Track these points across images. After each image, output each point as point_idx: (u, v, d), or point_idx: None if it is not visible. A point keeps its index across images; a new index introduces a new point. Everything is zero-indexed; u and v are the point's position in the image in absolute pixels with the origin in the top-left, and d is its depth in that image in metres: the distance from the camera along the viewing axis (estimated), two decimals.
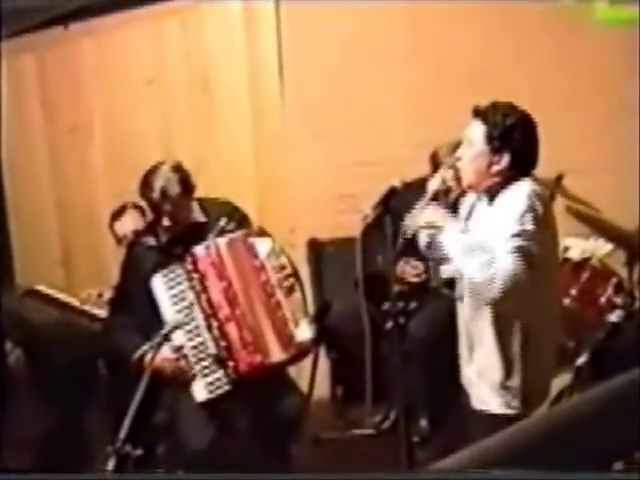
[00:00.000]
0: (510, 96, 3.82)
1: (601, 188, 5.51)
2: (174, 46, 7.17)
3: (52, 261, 7.86)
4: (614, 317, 4.29)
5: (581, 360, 3.83)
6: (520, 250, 3.50)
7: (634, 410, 1.12)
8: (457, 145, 5.07)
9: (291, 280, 4.35)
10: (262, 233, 4.50)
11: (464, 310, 3.92)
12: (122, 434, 3.71)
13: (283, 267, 4.35)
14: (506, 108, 3.77)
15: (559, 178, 5.42)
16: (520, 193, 3.66)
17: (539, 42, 6.17)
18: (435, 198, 3.85)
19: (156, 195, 4.34)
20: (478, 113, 3.78)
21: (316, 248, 5.07)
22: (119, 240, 5.38)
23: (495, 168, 3.73)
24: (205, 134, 6.53)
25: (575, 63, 6.12)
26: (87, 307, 5.33)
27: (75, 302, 5.43)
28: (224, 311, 4.24)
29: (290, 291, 4.34)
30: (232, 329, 4.25)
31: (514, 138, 3.73)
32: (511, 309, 3.70)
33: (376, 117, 6.44)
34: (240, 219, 4.58)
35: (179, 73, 7.18)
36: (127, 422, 3.73)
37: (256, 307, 4.30)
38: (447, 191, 3.96)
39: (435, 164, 5.32)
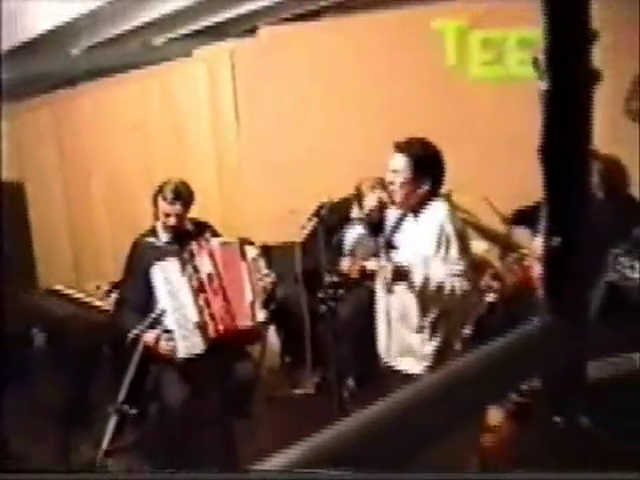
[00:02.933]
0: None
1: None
2: (152, 101, 7.20)
3: (65, 266, 7.85)
4: (490, 298, 4.35)
5: (466, 331, 3.87)
6: (462, 272, 3.62)
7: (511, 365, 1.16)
8: (376, 180, 5.16)
9: (266, 280, 4.39)
10: (251, 243, 4.55)
11: (391, 298, 3.85)
12: (120, 397, 3.71)
13: (260, 269, 4.40)
14: (422, 142, 3.77)
15: (448, 194, 5.47)
16: (440, 212, 3.72)
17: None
18: (370, 213, 3.91)
19: (170, 196, 4.37)
20: (400, 147, 3.74)
21: (267, 251, 5.09)
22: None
23: (419, 191, 3.72)
24: (178, 168, 6.52)
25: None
26: (93, 300, 5.32)
27: (85, 298, 5.41)
28: (212, 287, 4.27)
29: (264, 287, 4.37)
30: (217, 301, 4.26)
31: (433, 165, 3.76)
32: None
33: (315, 150, 6.46)
34: (214, 232, 4.64)
35: (157, 122, 7.20)
36: (124, 387, 3.74)
37: (236, 290, 4.32)
38: (381, 208, 3.94)
39: (358, 191, 5.36)
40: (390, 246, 3.78)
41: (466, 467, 3.04)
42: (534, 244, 3.12)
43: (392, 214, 3.92)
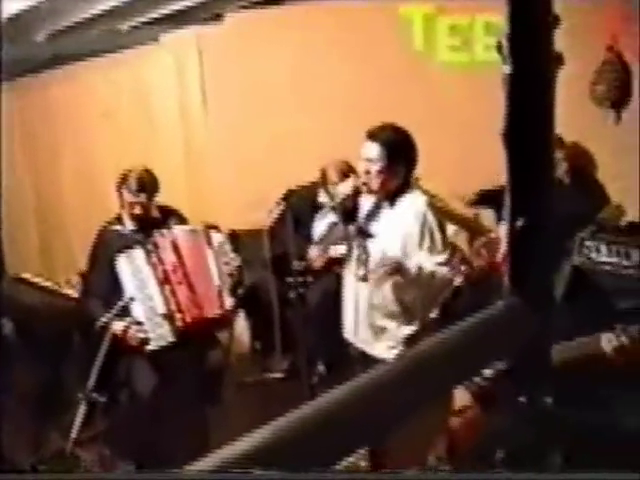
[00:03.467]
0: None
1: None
2: (120, 87, 7.15)
3: (33, 254, 7.81)
4: (457, 281, 4.36)
5: (432, 314, 3.88)
6: (447, 262, 3.66)
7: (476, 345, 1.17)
8: (341, 164, 5.15)
9: (232, 265, 4.37)
10: (217, 228, 4.51)
11: (362, 285, 3.84)
12: (90, 384, 3.71)
13: (227, 254, 4.38)
14: (394, 128, 3.74)
15: (415, 180, 5.48)
16: (419, 201, 3.72)
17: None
18: (343, 200, 3.83)
19: (134, 187, 4.33)
20: (373, 135, 3.69)
21: (235, 238, 5.08)
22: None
23: (395, 178, 3.70)
24: (147, 154, 6.47)
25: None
26: (62, 288, 5.29)
27: (52, 286, 5.37)
28: (176, 277, 4.25)
29: (230, 273, 4.36)
30: (182, 291, 4.25)
31: (407, 152, 3.73)
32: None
33: (283, 136, 6.45)
34: (181, 218, 4.61)
35: (125, 108, 7.16)
36: (93, 374, 3.73)
37: (202, 278, 4.31)
38: (355, 194, 3.85)
39: (324, 176, 5.37)
40: (365, 234, 3.79)
41: (433, 448, 3.06)
42: (499, 227, 3.15)
43: (366, 202, 3.89)
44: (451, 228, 4.92)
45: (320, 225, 4.10)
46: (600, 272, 4.01)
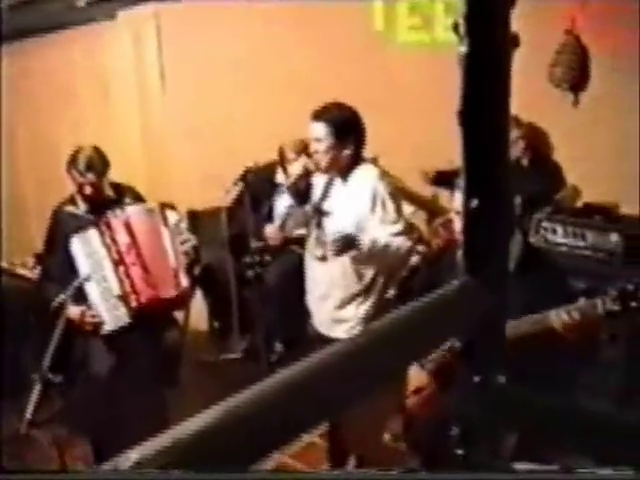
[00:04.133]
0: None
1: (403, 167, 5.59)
2: (77, 62, 7.06)
3: None
4: (413, 260, 4.39)
5: (390, 293, 3.90)
6: (403, 231, 3.69)
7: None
8: (298, 142, 5.15)
9: (188, 244, 4.34)
10: (172, 207, 4.47)
11: (322, 266, 3.88)
12: (45, 364, 3.68)
13: (183, 233, 4.35)
14: (339, 106, 3.77)
15: (374, 160, 5.49)
16: (370, 174, 3.76)
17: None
18: (296, 181, 3.89)
19: (82, 167, 4.28)
20: (318, 115, 3.73)
21: (193, 217, 5.07)
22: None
23: (344, 155, 3.73)
24: (104, 130, 6.42)
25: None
26: (18, 270, 5.23)
27: (8, 267, 5.32)
28: (130, 258, 4.21)
29: (186, 252, 4.32)
30: (136, 271, 4.21)
31: (353, 128, 3.76)
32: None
33: (236, 115, 6.43)
34: (137, 196, 4.57)
35: (82, 83, 7.07)
36: (48, 354, 3.70)
37: (157, 258, 4.27)
38: (306, 175, 3.93)
39: (281, 154, 5.37)
40: (321, 213, 3.81)
41: (389, 426, 3.09)
42: (454, 206, 3.17)
43: (319, 181, 3.92)
44: (409, 208, 4.96)
45: (280, 206, 4.11)
46: (556, 252, 4.07)
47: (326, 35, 6.27)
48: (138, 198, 4.55)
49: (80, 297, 4.11)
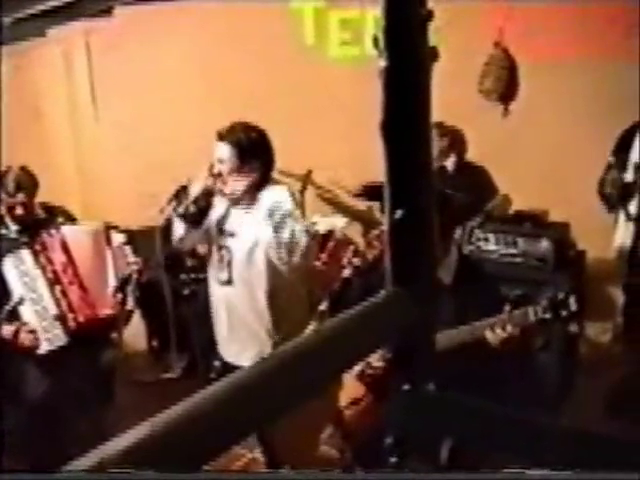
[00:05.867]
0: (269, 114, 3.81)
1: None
2: (7, 81, 6.96)
3: None
4: (346, 273, 4.40)
5: (323, 306, 3.90)
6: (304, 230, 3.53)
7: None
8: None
9: (133, 267, 4.27)
10: (117, 229, 4.42)
11: (227, 290, 3.75)
12: None
13: (127, 255, 4.29)
14: (245, 127, 3.64)
15: (308, 173, 5.50)
16: (280, 193, 3.60)
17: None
18: (196, 200, 3.66)
19: (11, 188, 4.22)
20: (222, 136, 3.60)
21: (130, 236, 5.02)
22: None
23: (248, 178, 3.59)
24: (36, 150, 6.33)
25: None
26: None
27: None
28: (67, 277, 4.15)
29: (129, 274, 4.25)
30: (73, 291, 4.14)
31: (260, 150, 3.62)
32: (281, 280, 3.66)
33: (170, 131, 6.40)
34: (69, 216, 4.52)
35: (13, 102, 6.97)
36: None
37: (95, 277, 4.20)
38: (207, 195, 3.69)
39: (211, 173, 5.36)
40: (222, 236, 3.71)
41: (322, 436, 3.10)
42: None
43: (221, 203, 3.77)
44: (343, 220, 4.98)
45: (176, 233, 3.94)
46: (488, 260, 4.13)
47: (259, 51, 6.29)
48: (70, 218, 4.51)
49: (14, 316, 4.04)
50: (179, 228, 3.79)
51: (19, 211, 4.25)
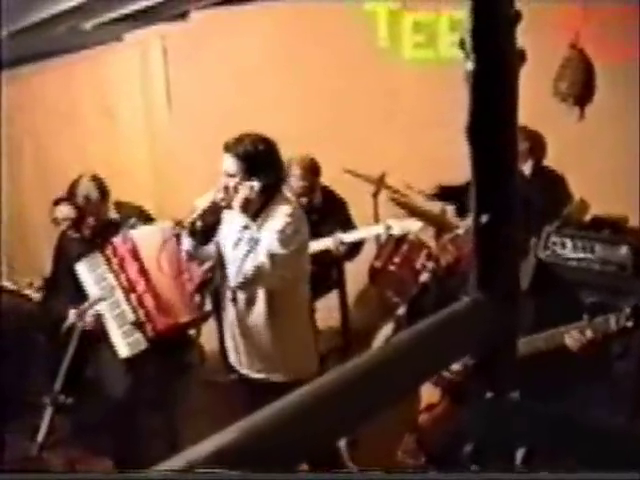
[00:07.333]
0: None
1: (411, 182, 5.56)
2: (83, 85, 7.09)
3: None
4: (423, 278, 4.37)
5: (400, 311, 3.87)
6: (271, 254, 3.42)
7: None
8: (307, 159, 5.09)
9: (206, 265, 4.20)
10: None
11: (232, 307, 3.72)
12: (56, 386, 3.68)
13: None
14: (253, 139, 3.51)
15: (382, 176, 5.48)
16: (283, 211, 3.51)
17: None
18: (203, 215, 3.52)
19: (80, 201, 4.31)
20: (228, 147, 3.50)
21: None
22: (55, 220, 5.22)
23: (254, 192, 3.48)
24: (111, 154, 6.44)
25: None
26: (25, 291, 5.23)
27: (16, 288, 5.33)
28: (141, 286, 4.18)
29: (204, 272, 4.09)
30: (149, 299, 4.18)
31: (267, 163, 3.51)
32: (279, 297, 3.59)
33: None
34: (145, 216, 4.58)
35: (89, 106, 7.10)
36: (60, 377, 3.70)
37: (170, 283, 4.18)
38: (214, 209, 3.56)
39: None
40: (227, 252, 3.64)
41: (401, 444, 3.08)
42: (464, 222, 3.14)
43: (228, 217, 3.67)
44: (418, 224, 4.95)
45: (185, 243, 3.77)
46: (565, 267, 4.05)
47: (332, 53, 6.29)
48: (144, 217, 4.55)
49: (95, 318, 4.11)
50: (185, 244, 3.69)
51: (91, 221, 4.33)
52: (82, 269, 4.24)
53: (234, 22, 6.53)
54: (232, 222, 3.64)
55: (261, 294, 3.58)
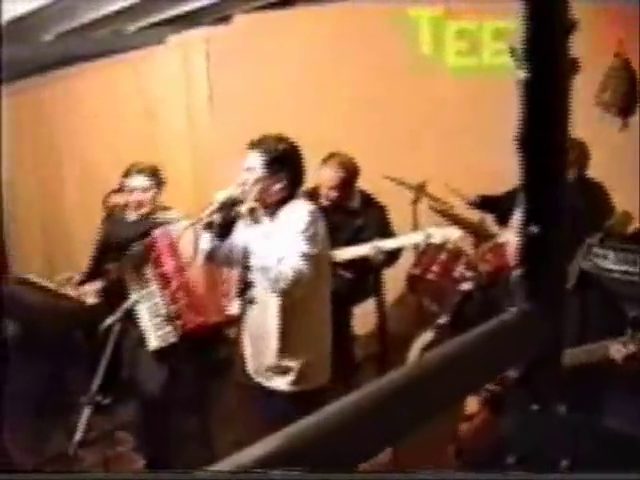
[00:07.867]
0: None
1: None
2: (126, 88, 7.15)
3: (37, 255, 7.81)
4: (465, 286, 4.35)
5: (442, 320, 3.85)
6: (305, 255, 3.39)
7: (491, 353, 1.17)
8: (342, 156, 5.07)
9: None
10: None
11: (251, 308, 3.73)
12: (94, 386, 3.70)
13: None
14: (277, 138, 3.61)
15: (422, 184, 5.47)
16: (301, 210, 3.52)
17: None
18: (221, 209, 3.56)
19: (132, 181, 4.44)
20: (253, 144, 3.59)
21: None
22: (107, 208, 5.32)
23: (274, 189, 3.54)
24: (152, 156, 6.48)
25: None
26: (63, 289, 5.28)
27: (54, 287, 5.38)
28: (176, 282, 4.20)
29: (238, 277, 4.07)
30: (182, 297, 4.19)
31: (288, 162, 3.57)
32: (293, 302, 3.54)
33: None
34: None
35: (130, 109, 7.15)
36: (97, 377, 3.73)
37: (205, 281, 4.24)
38: (230, 205, 3.60)
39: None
40: (244, 251, 3.62)
41: (442, 455, 3.06)
42: (506, 232, 3.12)
43: (245, 214, 3.66)
44: (458, 232, 4.93)
45: (203, 246, 3.77)
46: (608, 279, 4.01)
47: (374, 59, 6.29)
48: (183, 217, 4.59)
49: (129, 315, 4.14)
50: (204, 240, 3.70)
51: (136, 204, 4.40)
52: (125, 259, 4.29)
53: (276, 26, 6.55)
54: (251, 225, 3.63)
55: (276, 300, 3.56)
